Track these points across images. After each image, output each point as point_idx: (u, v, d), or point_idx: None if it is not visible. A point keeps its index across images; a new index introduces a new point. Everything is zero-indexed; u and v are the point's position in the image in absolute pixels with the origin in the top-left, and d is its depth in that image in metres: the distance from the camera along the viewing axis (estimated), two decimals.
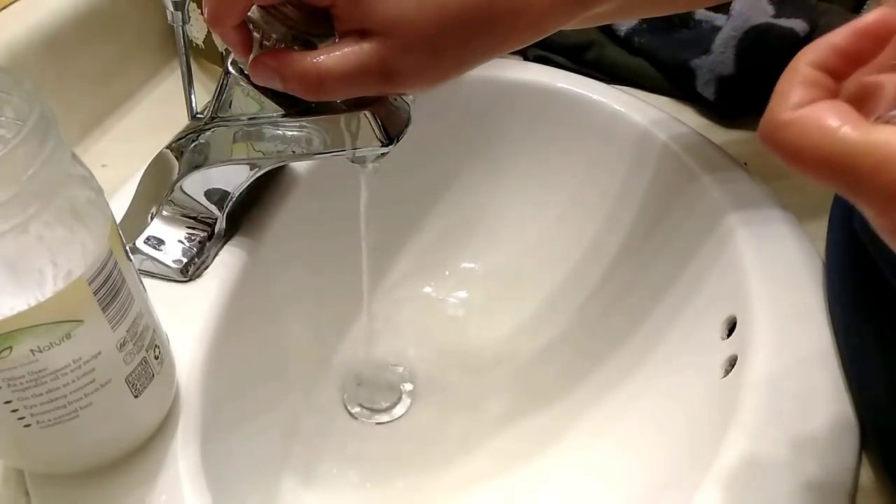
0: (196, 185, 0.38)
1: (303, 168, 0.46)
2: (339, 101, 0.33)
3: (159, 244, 0.39)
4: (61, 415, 0.27)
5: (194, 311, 0.37)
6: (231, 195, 0.39)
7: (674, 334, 0.44)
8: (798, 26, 0.50)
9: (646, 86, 0.53)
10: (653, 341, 0.45)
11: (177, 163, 0.39)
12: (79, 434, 0.28)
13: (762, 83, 0.22)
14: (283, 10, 0.30)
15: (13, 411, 0.26)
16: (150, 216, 0.39)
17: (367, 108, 0.33)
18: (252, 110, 0.34)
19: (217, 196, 0.39)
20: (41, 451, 0.28)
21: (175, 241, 0.39)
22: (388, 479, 0.46)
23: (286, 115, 0.34)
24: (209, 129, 0.36)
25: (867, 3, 0.54)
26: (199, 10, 0.52)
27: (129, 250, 0.28)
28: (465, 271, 0.57)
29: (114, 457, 0.30)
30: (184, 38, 0.41)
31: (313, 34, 0.31)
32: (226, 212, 0.39)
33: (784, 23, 0.50)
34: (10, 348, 0.24)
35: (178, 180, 0.38)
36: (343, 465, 0.46)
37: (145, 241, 0.39)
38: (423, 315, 0.55)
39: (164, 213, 0.39)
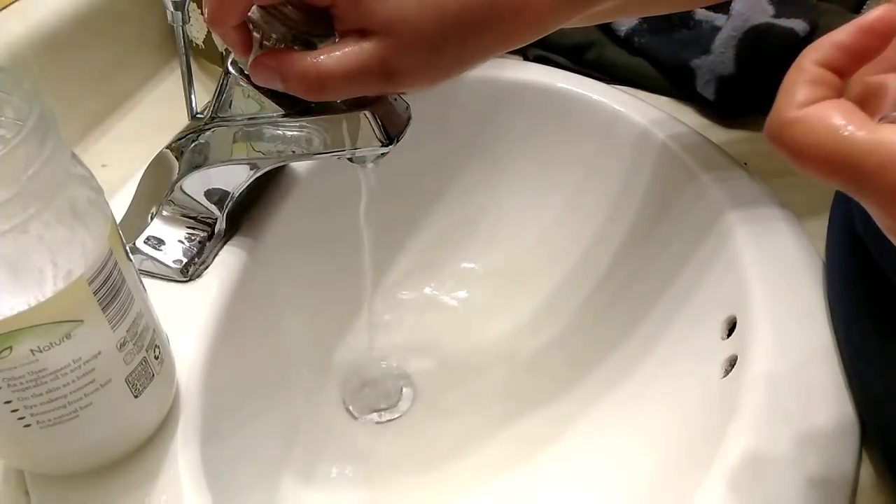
0: (196, 185, 0.38)
1: (303, 168, 0.46)
2: (339, 101, 0.33)
3: (159, 244, 0.39)
4: (61, 415, 0.27)
5: (194, 311, 0.37)
6: (231, 195, 0.39)
7: (674, 334, 0.44)
8: (798, 26, 0.50)
9: (646, 86, 0.53)
10: (653, 341, 0.45)
11: (177, 163, 0.39)
12: (79, 434, 0.28)
13: (762, 83, 0.22)
14: (283, 11, 0.30)
15: (13, 411, 0.26)
16: (150, 216, 0.39)
17: (367, 108, 0.33)
18: (252, 110, 0.34)
19: (217, 196, 0.39)
20: (41, 451, 0.28)
21: (175, 241, 0.39)
22: (388, 479, 0.46)
23: (286, 115, 0.34)
24: (209, 129, 0.36)
25: (867, 2, 0.54)
26: (199, 10, 0.52)
27: (129, 250, 0.28)
28: (465, 271, 0.57)
29: (114, 457, 0.30)
30: (184, 38, 0.41)
31: (313, 34, 0.31)
32: (226, 212, 0.39)
33: (784, 23, 0.50)
34: (10, 348, 0.24)
35: (178, 180, 0.38)
36: (343, 464, 0.46)
37: (145, 241, 0.39)
38: (424, 315, 0.55)
39: (164, 213, 0.39)
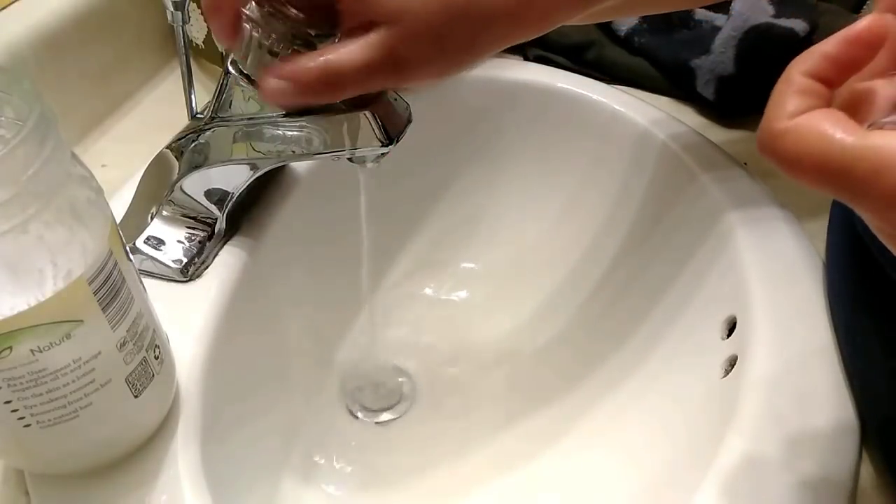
0: (196, 185, 0.38)
1: (303, 168, 0.46)
2: (339, 100, 0.33)
3: (159, 244, 0.39)
4: (61, 415, 0.27)
5: (194, 311, 0.37)
6: (231, 195, 0.39)
7: (674, 334, 0.44)
8: (798, 26, 0.50)
9: (646, 86, 0.53)
10: (653, 341, 0.45)
11: (177, 163, 0.39)
12: (79, 434, 0.28)
13: (762, 83, 0.22)
14: (283, 10, 0.30)
15: (13, 411, 0.26)
16: (150, 216, 0.39)
17: (367, 108, 0.33)
18: (252, 110, 0.34)
19: (217, 196, 0.39)
20: (41, 451, 0.28)
21: (175, 241, 0.39)
22: (388, 479, 0.46)
23: (286, 115, 0.34)
24: (209, 129, 0.36)
25: (867, 2, 0.54)
26: (199, 10, 0.52)
27: (129, 250, 0.28)
28: (465, 271, 0.57)
29: (114, 457, 0.30)
30: (184, 38, 0.41)
31: (313, 33, 0.31)
32: (226, 212, 0.39)
33: (784, 23, 0.50)
34: (10, 348, 0.24)
35: (178, 180, 0.38)
36: (343, 464, 0.46)
37: (145, 241, 0.39)
38: (424, 315, 0.55)
39: (164, 213, 0.39)
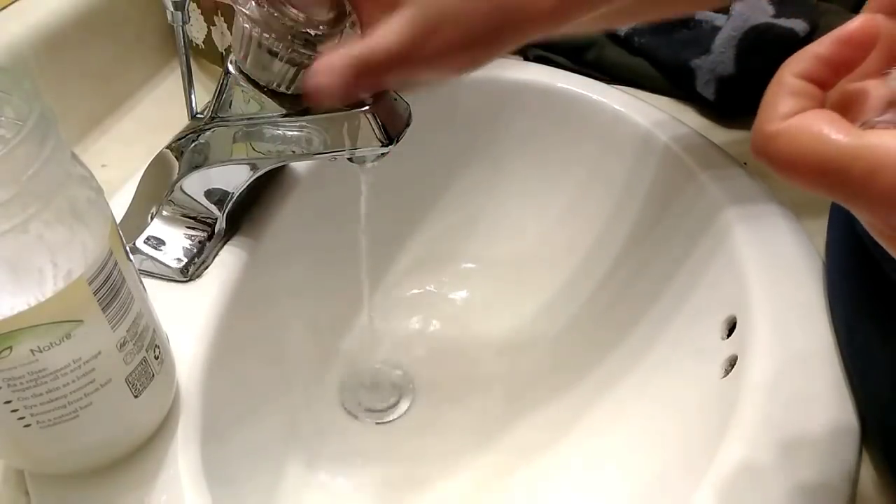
0: (196, 185, 0.38)
1: (303, 168, 0.46)
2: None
3: (159, 244, 0.39)
4: (61, 415, 0.27)
5: (194, 311, 0.37)
6: (231, 195, 0.39)
7: (673, 334, 0.44)
8: (798, 26, 0.50)
9: (646, 86, 0.53)
10: (652, 342, 0.45)
11: (177, 163, 0.39)
12: (79, 434, 0.28)
13: (762, 83, 0.22)
14: (282, 9, 0.30)
15: (13, 411, 0.26)
16: (150, 216, 0.39)
17: (367, 108, 0.33)
18: (252, 110, 0.34)
19: (217, 196, 0.39)
20: (41, 451, 0.28)
21: (175, 241, 0.39)
22: (388, 479, 0.46)
23: (286, 115, 0.34)
24: (209, 129, 0.36)
25: (867, 2, 0.54)
26: (199, 10, 0.52)
27: (129, 250, 0.28)
28: (465, 271, 0.57)
29: (114, 457, 0.30)
30: (184, 38, 0.41)
31: (312, 33, 0.31)
32: (226, 212, 0.39)
33: (784, 23, 0.50)
34: (10, 348, 0.24)
35: (178, 180, 0.38)
36: (343, 464, 0.46)
37: (145, 241, 0.39)
38: (424, 314, 0.55)
39: (164, 213, 0.39)
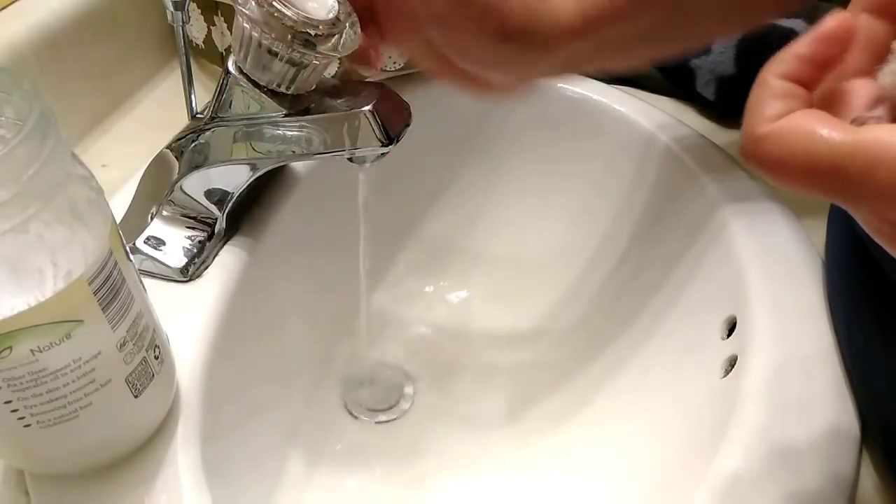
0: (196, 185, 0.38)
1: (303, 168, 0.46)
2: (336, 102, 0.34)
3: (159, 244, 0.39)
4: (61, 415, 0.27)
5: (194, 311, 0.37)
6: (231, 195, 0.39)
7: (673, 335, 0.44)
8: (798, 26, 0.50)
9: (646, 86, 0.53)
10: (652, 342, 0.45)
11: (177, 163, 0.39)
12: (79, 434, 0.28)
13: None
14: (282, 9, 0.30)
15: (13, 411, 0.26)
16: (150, 216, 0.39)
17: (367, 108, 0.33)
18: (252, 110, 0.34)
19: (217, 196, 0.39)
20: (41, 451, 0.28)
21: (175, 241, 0.39)
22: (388, 479, 0.46)
23: (286, 115, 0.34)
24: (209, 129, 0.36)
25: (852, 1, 0.54)
26: (199, 10, 0.52)
27: (129, 250, 0.28)
28: (465, 270, 0.57)
29: (114, 457, 0.30)
30: (184, 38, 0.41)
31: (312, 34, 0.31)
32: (226, 212, 0.39)
33: (784, 23, 0.50)
34: (10, 348, 0.24)
35: (178, 180, 0.38)
36: (343, 464, 0.46)
37: (145, 241, 0.39)
38: (424, 314, 0.55)
39: (164, 213, 0.39)
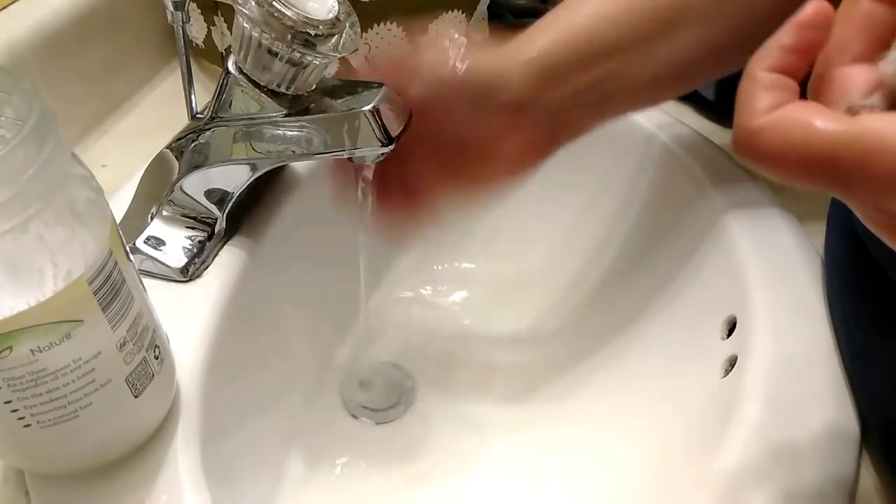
0: (196, 185, 0.38)
1: (303, 168, 0.46)
2: (336, 102, 0.34)
3: (159, 244, 0.39)
4: (61, 415, 0.27)
5: (194, 311, 0.37)
6: (231, 195, 0.39)
7: (673, 334, 0.44)
8: None
9: None
10: (652, 342, 0.45)
11: (177, 163, 0.39)
12: (79, 434, 0.28)
13: None
14: (282, 9, 0.30)
15: (13, 411, 0.26)
16: (150, 216, 0.39)
17: (367, 108, 0.33)
18: (252, 110, 0.34)
19: (217, 196, 0.39)
20: (41, 451, 0.28)
21: (175, 241, 0.39)
22: (387, 480, 0.46)
23: (286, 115, 0.34)
24: (209, 129, 0.36)
25: None
26: (199, 10, 0.52)
27: (129, 250, 0.28)
28: (465, 271, 0.57)
29: (114, 457, 0.30)
30: (184, 38, 0.41)
31: (312, 34, 0.31)
32: (226, 212, 0.39)
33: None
34: (10, 348, 0.24)
35: (178, 180, 0.38)
36: (343, 465, 0.46)
37: (145, 241, 0.39)
38: (424, 315, 0.55)
39: (164, 213, 0.39)
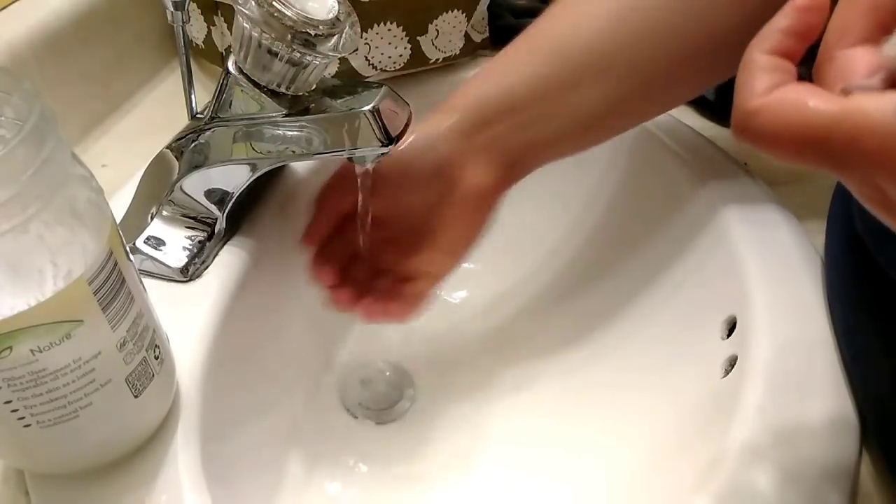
0: (196, 185, 0.38)
1: (303, 168, 0.46)
2: (336, 102, 0.34)
3: (159, 244, 0.39)
4: (61, 415, 0.27)
5: (194, 311, 0.37)
6: (231, 195, 0.39)
7: (673, 334, 0.44)
8: None
9: None
10: (652, 342, 0.45)
11: (177, 163, 0.39)
12: (79, 434, 0.28)
13: None
14: (282, 9, 0.30)
15: (13, 411, 0.26)
16: (150, 216, 0.39)
17: (367, 108, 0.33)
18: (252, 110, 0.34)
19: (217, 196, 0.39)
20: (41, 451, 0.28)
21: (175, 241, 0.39)
22: (387, 480, 0.46)
23: (286, 115, 0.34)
24: (209, 129, 0.36)
25: None
26: (199, 10, 0.52)
27: (129, 250, 0.28)
28: (464, 271, 0.57)
29: (114, 457, 0.30)
30: (184, 38, 0.41)
31: (312, 33, 0.31)
32: (226, 212, 0.39)
33: None
34: (10, 348, 0.24)
35: (178, 180, 0.38)
36: (343, 465, 0.46)
37: (145, 241, 0.39)
38: (424, 315, 0.55)
39: (164, 213, 0.39)
